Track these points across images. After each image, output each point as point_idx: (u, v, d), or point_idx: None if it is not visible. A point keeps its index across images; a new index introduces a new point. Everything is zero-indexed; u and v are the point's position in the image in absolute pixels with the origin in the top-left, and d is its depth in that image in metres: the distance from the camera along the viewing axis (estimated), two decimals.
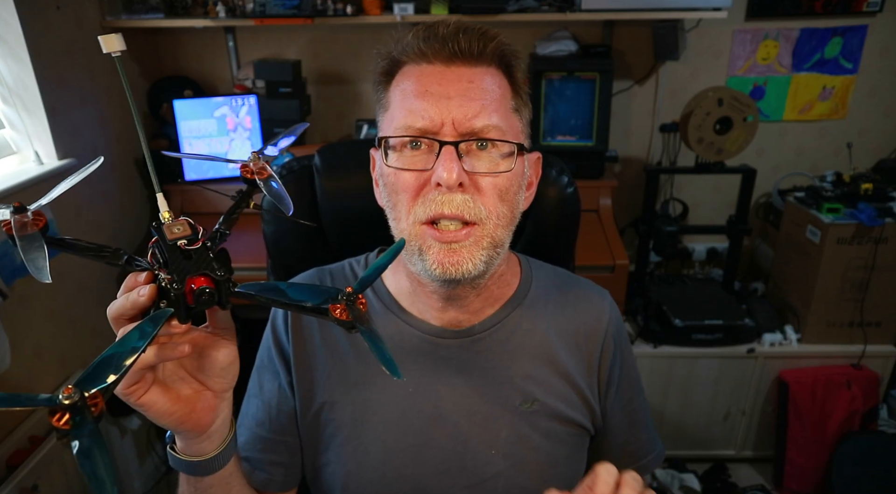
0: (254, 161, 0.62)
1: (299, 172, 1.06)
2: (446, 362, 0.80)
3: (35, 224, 0.51)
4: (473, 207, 0.69)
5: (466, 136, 0.68)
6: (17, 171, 1.63)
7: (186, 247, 0.51)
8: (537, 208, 1.04)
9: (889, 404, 2.26)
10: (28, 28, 1.58)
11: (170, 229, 0.52)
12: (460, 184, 0.67)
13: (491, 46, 0.70)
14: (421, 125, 0.69)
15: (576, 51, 2.16)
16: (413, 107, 0.69)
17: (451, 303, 0.79)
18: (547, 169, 1.05)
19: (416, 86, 0.70)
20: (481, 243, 0.70)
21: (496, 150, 0.70)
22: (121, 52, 0.52)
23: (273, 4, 1.99)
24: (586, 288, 0.89)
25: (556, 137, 2.16)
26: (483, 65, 0.71)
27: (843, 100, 2.36)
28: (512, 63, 0.73)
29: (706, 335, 2.09)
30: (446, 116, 0.68)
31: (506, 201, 0.71)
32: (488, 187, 0.70)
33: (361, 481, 0.80)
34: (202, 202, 2.17)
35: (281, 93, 2.23)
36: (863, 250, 2.00)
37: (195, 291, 0.50)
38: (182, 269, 0.50)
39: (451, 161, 0.67)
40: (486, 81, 0.70)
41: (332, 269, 0.89)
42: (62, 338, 1.68)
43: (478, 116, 0.68)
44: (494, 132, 0.69)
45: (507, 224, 0.73)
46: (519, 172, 0.73)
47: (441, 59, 0.70)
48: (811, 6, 2.22)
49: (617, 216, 2.27)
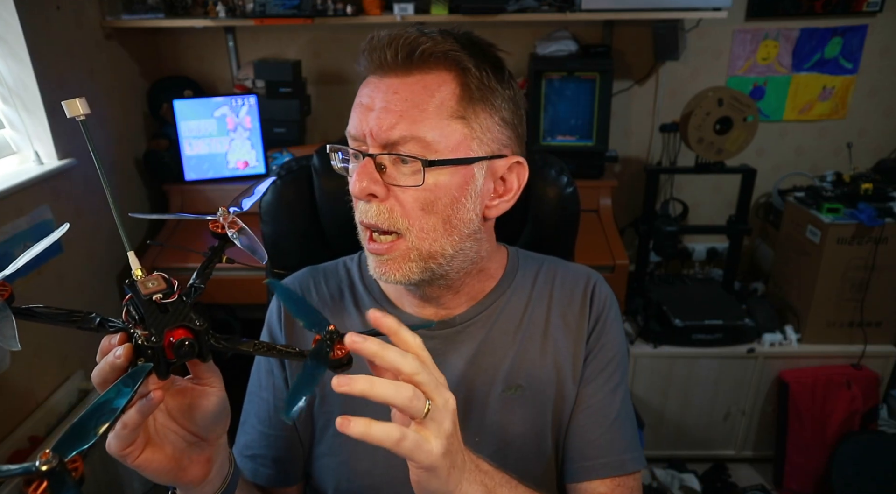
0: (223, 216, 0.62)
1: (298, 173, 1.06)
2: (433, 351, 0.80)
3: (0, 295, 0.50)
4: (389, 217, 0.70)
5: (387, 147, 0.68)
6: (17, 171, 1.63)
7: (162, 301, 0.51)
8: (537, 207, 1.04)
9: (889, 404, 2.26)
10: (28, 28, 1.58)
11: (144, 285, 0.51)
12: (374, 195, 0.69)
13: (422, 50, 0.67)
14: (353, 134, 0.71)
15: (576, 51, 2.16)
16: (352, 117, 0.72)
17: (427, 301, 0.81)
18: (546, 169, 1.05)
19: (357, 96, 0.72)
20: (408, 256, 0.72)
21: (414, 163, 0.69)
22: (85, 116, 0.52)
23: (273, 4, 1.99)
24: (574, 268, 0.89)
25: (556, 137, 2.17)
26: (419, 72, 0.69)
27: (843, 100, 2.36)
28: (466, 65, 0.69)
29: (706, 335, 2.09)
30: (365, 127, 0.69)
31: (434, 213, 0.70)
32: (408, 200, 0.70)
33: (354, 471, 0.81)
34: (202, 202, 2.17)
35: (281, 93, 2.23)
36: (863, 250, 2.00)
37: (174, 343, 0.49)
38: (159, 323, 0.50)
39: (362, 172, 0.68)
40: (415, 90, 0.68)
41: (325, 268, 0.90)
42: (62, 339, 1.68)
43: (394, 128, 0.67)
44: (413, 143, 0.68)
45: (442, 236, 0.72)
46: (450, 184, 0.70)
47: (375, 71, 0.71)
48: (811, 6, 2.22)
49: (617, 216, 2.27)
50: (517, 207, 0.78)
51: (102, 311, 0.55)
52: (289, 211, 1.06)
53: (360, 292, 0.86)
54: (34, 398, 1.59)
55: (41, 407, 1.58)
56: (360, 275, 0.87)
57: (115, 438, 0.54)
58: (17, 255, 0.55)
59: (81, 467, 0.39)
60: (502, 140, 0.73)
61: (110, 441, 0.54)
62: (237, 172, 2.19)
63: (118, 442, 0.54)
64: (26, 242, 1.56)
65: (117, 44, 2.07)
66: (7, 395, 1.50)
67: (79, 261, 1.78)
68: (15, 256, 0.53)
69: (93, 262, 1.85)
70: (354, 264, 0.89)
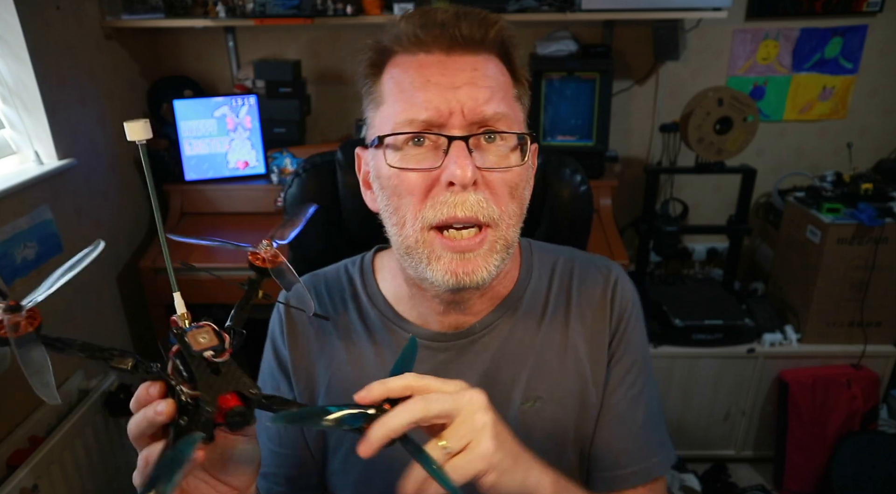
0: (265, 249, 0.57)
1: (322, 167, 1.08)
2: (444, 366, 0.77)
3: (30, 324, 0.46)
4: (487, 207, 0.63)
5: (475, 126, 0.64)
6: (17, 171, 1.63)
7: (214, 359, 0.47)
8: (551, 206, 1.05)
9: (889, 404, 2.26)
10: (28, 28, 1.58)
11: (195, 339, 0.47)
12: (474, 182, 0.62)
13: (493, 32, 0.65)
14: (425, 117, 0.63)
15: (576, 51, 2.16)
16: (414, 99, 0.63)
17: (455, 307, 0.75)
18: (561, 168, 1.05)
19: (415, 77, 0.64)
20: (495, 248, 0.66)
21: (504, 142, 0.65)
22: (146, 141, 0.47)
23: (273, 4, 1.99)
24: (594, 259, 0.84)
25: (556, 137, 2.16)
26: (484, 52, 0.66)
27: (843, 100, 2.36)
28: (511, 51, 0.68)
29: (706, 335, 2.09)
30: (455, 105, 0.62)
31: (516, 198, 0.67)
32: (499, 184, 0.65)
33: (370, 489, 0.78)
34: (202, 202, 2.17)
35: (281, 93, 2.23)
36: (863, 250, 2.00)
37: (226, 412, 0.46)
38: (212, 386, 0.46)
39: (464, 157, 0.61)
40: (489, 68, 0.65)
41: (326, 275, 0.85)
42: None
43: (488, 103, 0.63)
44: (503, 121, 0.64)
45: (518, 223, 0.69)
46: (528, 165, 0.68)
47: (441, 48, 0.64)
48: (811, 6, 2.22)
49: (617, 216, 2.27)
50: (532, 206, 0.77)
51: (102, 312, 0.55)
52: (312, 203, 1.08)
53: (363, 302, 0.81)
54: (34, 398, 1.58)
55: (41, 407, 1.58)
56: (362, 283, 0.82)
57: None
58: (17, 255, 0.55)
59: None
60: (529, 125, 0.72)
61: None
62: (237, 172, 2.19)
63: None
64: (26, 242, 1.56)
65: (117, 44, 2.06)
66: (7, 395, 1.50)
67: None
68: (15, 256, 0.53)
69: (93, 262, 1.84)
70: (356, 271, 0.83)
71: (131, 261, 2.05)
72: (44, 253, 1.62)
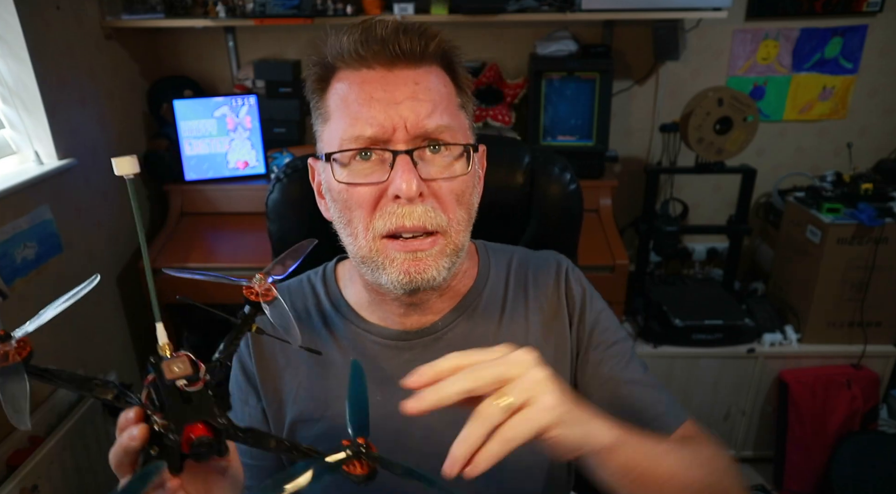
0: (259, 283, 0.59)
1: (304, 171, 1.07)
2: (410, 364, 0.77)
3: (18, 353, 0.46)
4: (434, 216, 0.67)
5: (419, 139, 0.66)
6: (17, 171, 1.63)
7: (186, 388, 0.47)
8: (540, 205, 1.04)
9: (889, 404, 2.26)
10: (28, 28, 1.58)
11: (169, 368, 0.47)
12: (420, 194, 0.65)
13: (433, 45, 0.68)
14: (370, 133, 0.65)
15: (576, 51, 2.16)
16: (359, 115, 0.66)
17: (414, 308, 0.78)
18: (549, 166, 1.05)
19: (358, 93, 0.67)
20: (445, 251, 0.69)
21: (449, 152, 0.68)
22: (134, 176, 0.47)
23: (273, 4, 1.99)
24: (543, 257, 0.87)
25: (556, 137, 2.16)
26: (425, 65, 0.68)
27: (843, 100, 2.36)
28: (453, 60, 0.71)
29: (706, 335, 2.09)
30: (397, 120, 0.65)
31: (463, 205, 0.70)
32: (445, 193, 0.68)
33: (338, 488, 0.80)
34: (202, 202, 2.17)
35: (281, 93, 2.23)
36: (863, 250, 2.00)
37: (193, 441, 0.46)
38: (180, 415, 0.46)
39: (408, 171, 0.64)
40: (431, 81, 0.68)
41: (289, 286, 0.86)
42: (62, 338, 1.68)
43: (430, 116, 0.66)
44: (447, 132, 0.67)
45: (467, 228, 0.72)
46: (473, 172, 0.71)
47: (382, 63, 0.67)
48: (811, 6, 2.22)
49: (617, 216, 2.27)
50: (520, 205, 0.78)
51: (101, 312, 0.55)
52: (295, 209, 1.07)
53: (326, 309, 0.83)
54: (34, 397, 1.58)
55: (41, 407, 1.58)
56: (325, 291, 0.84)
57: None
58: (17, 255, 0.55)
59: None
60: (474, 129, 0.75)
61: None
62: (237, 172, 2.19)
63: None
64: (26, 242, 1.56)
65: (117, 44, 2.07)
66: None
67: (79, 261, 1.78)
68: (15, 256, 0.53)
69: (93, 262, 1.85)
70: (319, 279, 0.85)
71: (131, 261, 2.05)
72: (44, 253, 1.62)
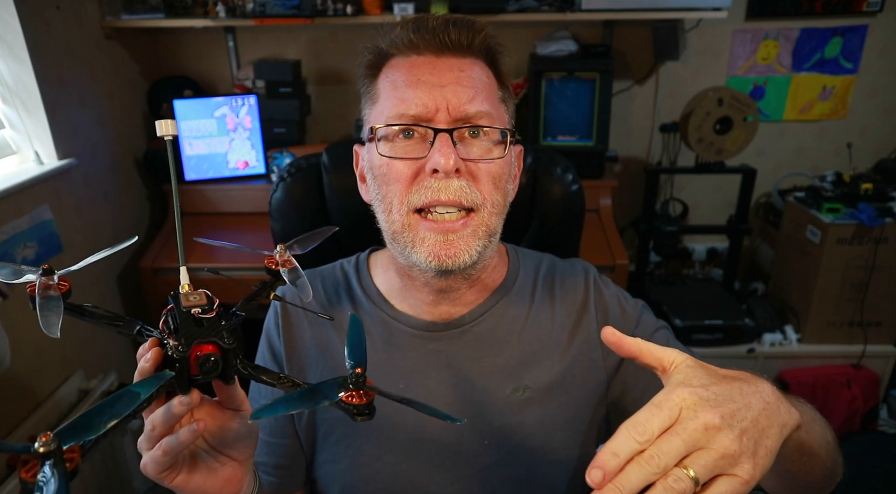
0: (280, 253, 0.63)
1: (307, 171, 1.07)
2: (436, 355, 0.80)
3: (59, 288, 0.54)
4: (470, 192, 0.69)
5: (460, 122, 0.70)
6: (17, 171, 1.63)
7: (200, 315, 0.51)
8: (543, 205, 1.05)
9: (889, 404, 2.26)
10: (28, 28, 1.58)
11: (186, 298, 0.52)
12: (457, 170, 0.68)
13: (479, 38, 0.72)
14: (415, 112, 0.69)
15: (576, 51, 2.16)
16: (405, 96, 0.70)
17: (444, 296, 0.79)
18: (552, 167, 1.05)
19: (407, 76, 0.71)
20: (478, 233, 0.71)
21: (487, 137, 0.72)
22: (173, 137, 0.53)
23: (273, 4, 1.99)
24: (572, 266, 0.89)
25: (556, 137, 2.16)
26: (471, 56, 0.73)
27: (843, 100, 2.36)
28: (497, 56, 0.75)
29: (706, 335, 2.09)
30: (441, 102, 0.69)
31: (499, 188, 0.72)
32: (483, 174, 0.71)
33: (357, 478, 0.81)
34: (202, 202, 2.17)
35: (281, 93, 2.23)
36: (863, 250, 2.00)
37: (200, 357, 0.49)
38: (191, 334, 0.49)
39: (447, 147, 0.68)
40: (475, 71, 0.72)
41: (322, 271, 0.89)
42: (63, 338, 1.68)
43: (471, 102, 0.69)
44: (486, 119, 0.71)
45: (500, 212, 0.74)
46: (509, 160, 0.74)
47: (431, 50, 0.72)
48: (811, 6, 2.22)
49: (617, 216, 2.27)
50: (523, 205, 0.79)
51: None
52: (298, 208, 1.07)
53: (357, 294, 0.85)
54: (34, 397, 1.59)
55: (42, 407, 1.58)
56: (357, 277, 0.86)
57: (154, 463, 0.55)
58: (17, 255, 0.58)
59: (78, 459, 0.38)
60: (514, 126, 0.78)
61: (147, 465, 0.56)
62: (237, 172, 2.19)
63: (155, 467, 0.55)
64: (26, 242, 1.56)
65: (117, 44, 2.07)
66: (7, 394, 1.50)
67: (79, 260, 1.78)
68: (15, 256, 0.56)
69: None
70: (351, 267, 0.88)
71: (131, 261, 2.05)
72: (44, 253, 1.62)
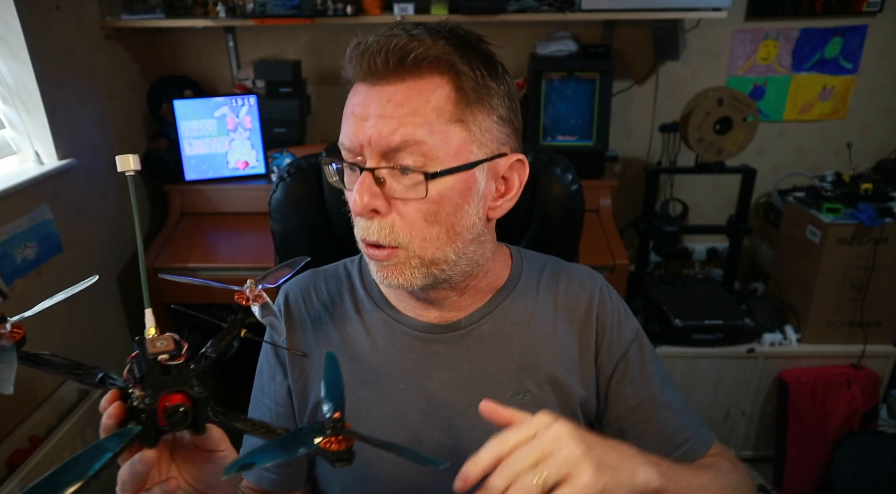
0: (250, 288, 0.62)
1: (307, 171, 1.07)
2: (437, 357, 0.80)
3: (11, 337, 0.50)
4: (391, 233, 0.68)
5: (386, 157, 0.66)
6: (17, 171, 1.63)
7: (167, 363, 0.48)
8: (542, 205, 1.05)
9: (889, 404, 2.26)
10: (28, 28, 1.58)
11: (152, 344, 0.49)
12: (376, 210, 0.66)
13: (414, 56, 0.64)
14: (347, 146, 0.68)
15: (576, 51, 2.16)
16: (344, 124, 0.69)
17: (430, 304, 0.79)
18: (552, 166, 1.05)
19: (348, 105, 0.70)
20: (408, 264, 0.70)
21: (416, 172, 0.66)
22: (135, 172, 0.51)
23: (273, 4, 1.99)
24: (577, 272, 0.87)
25: (556, 137, 2.16)
26: (412, 78, 0.65)
27: (843, 100, 2.36)
28: (459, 67, 0.66)
29: (706, 335, 2.09)
30: (362, 137, 0.66)
31: (437, 223, 0.68)
32: (410, 211, 0.67)
33: (357, 478, 0.81)
34: (202, 202, 2.17)
35: (281, 93, 2.23)
36: (863, 250, 2.00)
37: (168, 409, 0.46)
38: (158, 384, 0.46)
39: (362, 189, 0.65)
40: (410, 96, 0.65)
41: (326, 271, 0.89)
42: (62, 339, 1.68)
43: (393, 134, 0.64)
44: (413, 149, 0.65)
45: (445, 244, 0.70)
46: (453, 192, 0.68)
47: (364, 79, 0.68)
48: (811, 6, 2.22)
49: (617, 216, 2.27)
50: (522, 205, 0.78)
51: (101, 312, 0.56)
52: (298, 208, 1.07)
53: (360, 295, 0.85)
54: (34, 398, 1.59)
55: (41, 407, 1.58)
56: (360, 278, 0.86)
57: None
58: (17, 255, 0.57)
59: None
60: (501, 138, 0.71)
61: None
62: (237, 172, 2.19)
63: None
64: (26, 242, 1.56)
65: (117, 44, 2.07)
66: (7, 395, 1.50)
67: (79, 261, 1.78)
68: (15, 256, 0.54)
69: (93, 262, 1.85)
70: (355, 267, 0.88)
71: (131, 261, 2.05)
72: (44, 253, 1.62)
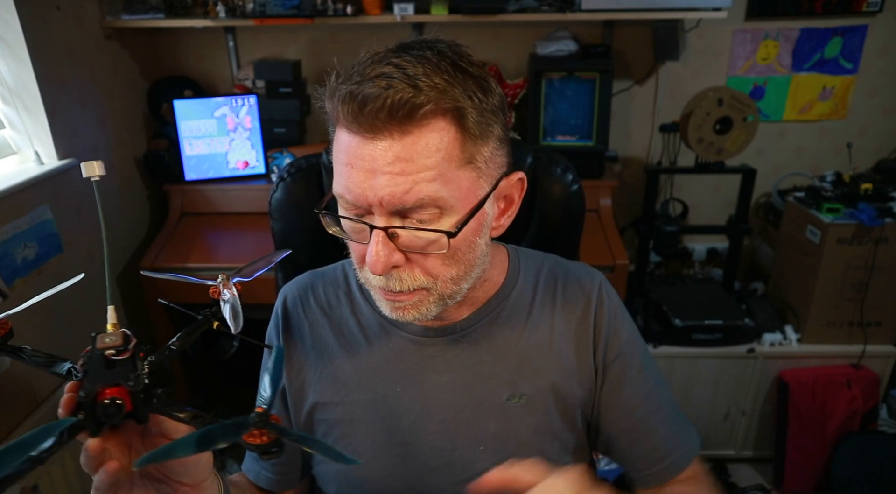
0: (223, 283, 0.63)
1: (307, 171, 1.07)
2: (432, 360, 0.80)
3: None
4: (414, 280, 0.67)
5: (397, 215, 0.64)
6: (17, 171, 1.63)
7: (112, 357, 0.48)
8: (542, 205, 1.05)
9: (889, 404, 2.26)
10: (28, 28, 1.58)
11: (101, 339, 0.50)
12: (395, 265, 0.66)
13: (423, 112, 0.61)
14: (351, 199, 0.65)
15: (576, 51, 2.16)
16: (344, 174, 0.65)
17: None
18: (552, 166, 1.05)
19: (345, 154, 0.64)
20: (427, 301, 0.70)
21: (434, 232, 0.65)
22: (99, 178, 0.52)
23: (273, 4, 1.99)
24: (576, 271, 0.87)
25: (556, 137, 2.16)
26: (417, 130, 0.62)
27: (843, 100, 2.36)
28: (461, 105, 0.63)
29: (706, 335, 2.09)
30: (372, 195, 0.62)
31: (457, 261, 0.68)
32: (430, 260, 0.67)
33: (352, 480, 0.82)
34: (202, 202, 2.17)
35: (281, 93, 2.23)
36: (863, 250, 2.00)
37: (101, 402, 0.46)
38: (97, 378, 0.47)
39: (379, 250, 0.63)
40: (418, 150, 0.62)
41: (324, 272, 0.89)
42: (62, 338, 1.68)
43: (408, 194, 0.62)
44: (428, 204, 0.63)
45: (464, 275, 0.71)
46: (468, 234, 0.67)
47: (360, 131, 0.62)
48: (811, 6, 2.22)
49: (617, 216, 2.27)
50: (522, 205, 0.77)
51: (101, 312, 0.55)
52: (298, 208, 1.07)
53: (356, 297, 0.85)
54: (34, 398, 1.59)
55: (41, 407, 1.58)
56: (356, 280, 0.85)
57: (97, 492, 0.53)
58: (17, 255, 0.57)
59: None
60: (502, 161, 0.70)
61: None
62: (237, 172, 2.19)
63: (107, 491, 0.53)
64: (26, 242, 1.56)
65: (117, 44, 2.07)
66: (7, 395, 1.50)
67: (79, 261, 1.78)
68: (15, 256, 0.54)
69: (93, 262, 1.85)
70: (352, 268, 0.87)
71: (131, 261, 2.05)
72: (44, 253, 1.62)
